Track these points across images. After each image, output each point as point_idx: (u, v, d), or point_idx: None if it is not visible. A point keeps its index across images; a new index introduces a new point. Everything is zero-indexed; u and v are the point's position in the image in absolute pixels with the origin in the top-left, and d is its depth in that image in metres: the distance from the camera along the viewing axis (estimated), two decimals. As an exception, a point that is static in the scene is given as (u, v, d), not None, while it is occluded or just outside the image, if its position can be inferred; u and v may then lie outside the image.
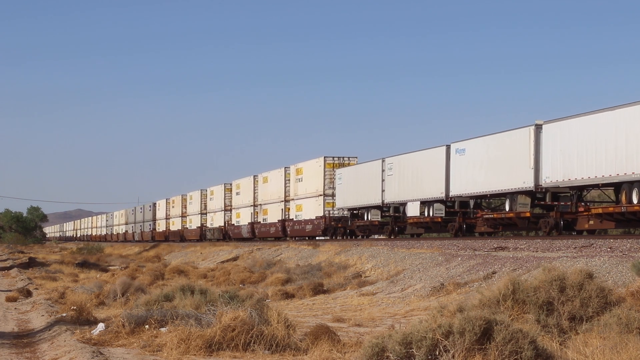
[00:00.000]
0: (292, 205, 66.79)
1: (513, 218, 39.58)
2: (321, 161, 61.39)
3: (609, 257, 22.29)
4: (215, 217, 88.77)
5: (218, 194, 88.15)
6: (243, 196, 79.86)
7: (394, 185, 50.91)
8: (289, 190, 67.79)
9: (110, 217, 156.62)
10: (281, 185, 69.31)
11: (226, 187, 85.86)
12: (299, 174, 65.44)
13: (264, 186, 73.73)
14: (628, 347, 11.81)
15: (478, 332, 11.27)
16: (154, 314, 16.52)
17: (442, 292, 24.55)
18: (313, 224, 61.41)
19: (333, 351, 14.15)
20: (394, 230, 52.17)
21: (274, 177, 71.40)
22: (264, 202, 73.75)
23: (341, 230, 59.08)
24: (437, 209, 46.07)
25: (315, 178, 62.01)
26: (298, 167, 65.82)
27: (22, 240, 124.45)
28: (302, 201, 64.49)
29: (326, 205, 60.41)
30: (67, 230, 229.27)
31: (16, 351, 16.70)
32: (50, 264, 57.78)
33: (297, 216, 65.34)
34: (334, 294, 28.99)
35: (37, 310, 24.53)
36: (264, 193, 73.96)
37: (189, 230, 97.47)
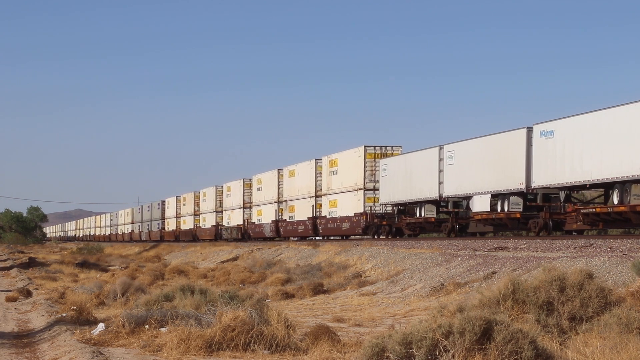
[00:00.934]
0: (324, 201, 60.17)
1: (628, 213, 32.21)
2: (361, 151, 54.39)
3: (609, 257, 22.29)
4: (232, 215, 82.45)
5: (236, 190, 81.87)
6: (265, 192, 73.36)
7: (455, 176, 44.28)
8: (320, 185, 61.10)
9: (115, 217, 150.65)
10: (311, 179, 62.59)
11: (245, 183, 79.48)
12: (333, 165, 58.67)
13: (291, 180, 67.04)
14: (628, 347, 11.81)
15: (478, 332, 11.27)
16: (154, 314, 16.52)
17: (442, 292, 24.55)
18: (351, 222, 55.04)
19: (333, 351, 14.15)
20: (454, 229, 45.87)
21: (303, 171, 64.58)
22: (290, 197, 66.94)
23: (386, 228, 52.99)
24: (514, 203, 39.40)
25: (354, 170, 55.28)
26: (332, 159, 58.96)
27: (22, 240, 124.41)
28: (338, 196, 57.72)
29: (366, 200, 53.67)
30: (68, 230, 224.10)
31: (16, 351, 16.70)
32: (50, 264, 57.76)
33: (331, 213, 58.65)
34: (334, 294, 28.99)
35: (37, 310, 24.52)
36: (290, 188, 67.07)
37: (202, 230, 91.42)
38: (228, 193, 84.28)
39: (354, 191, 55.02)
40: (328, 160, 59.59)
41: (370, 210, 53.54)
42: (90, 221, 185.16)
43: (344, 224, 56.11)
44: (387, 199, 51.92)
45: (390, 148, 54.34)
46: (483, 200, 41.48)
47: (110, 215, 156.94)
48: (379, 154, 54.14)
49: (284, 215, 68.49)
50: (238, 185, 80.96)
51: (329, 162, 59.33)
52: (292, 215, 66.46)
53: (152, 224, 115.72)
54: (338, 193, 57.60)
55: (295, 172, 66.03)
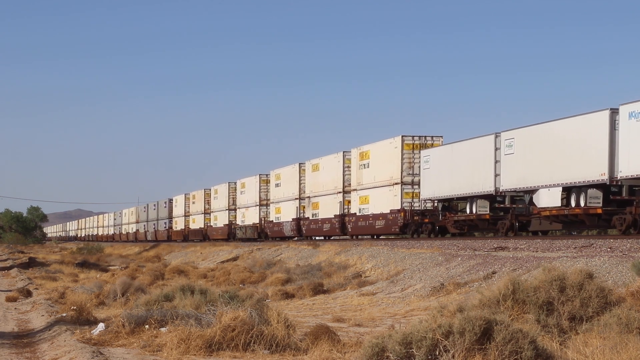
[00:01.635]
0: (354, 197, 55.05)
1: None
2: (398, 141, 49.39)
3: (609, 257, 22.29)
4: (247, 214, 77.45)
5: (251, 187, 77.02)
6: (285, 188, 68.09)
7: (516, 166, 38.96)
8: (349, 179, 56.14)
9: (119, 216, 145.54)
10: (338, 173, 57.82)
11: (261, 179, 74.66)
12: (364, 158, 53.43)
13: (314, 175, 61.91)
14: (628, 347, 11.81)
15: (478, 332, 11.26)
16: (154, 314, 16.52)
17: (442, 292, 24.55)
18: (386, 220, 49.92)
19: (333, 351, 14.15)
20: (513, 227, 40.23)
21: (328, 164, 59.62)
22: (313, 194, 61.93)
23: (428, 226, 47.93)
24: (593, 197, 34.02)
25: (389, 162, 50.06)
26: (363, 151, 53.81)
27: (22, 240, 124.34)
28: (370, 192, 52.45)
29: (404, 195, 48.63)
30: (70, 230, 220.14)
31: (16, 351, 16.70)
32: (50, 264, 57.76)
33: (362, 210, 53.40)
34: (334, 294, 28.99)
35: (37, 310, 24.52)
36: (313, 183, 61.94)
37: (214, 229, 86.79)
38: (242, 190, 79.63)
39: (389, 186, 50.08)
40: (358, 153, 54.36)
41: (410, 206, 48.51)
42: (93, 221, 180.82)
43: (377, 222, 51.06)
44: (429, 194, 46.89)
45: (430, 138, 49.35)
46: (552, 194, 36.40)
47: (113, 215, 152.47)
48: (417, 144, 49.02)
49: (307, 212, 63.35)
50: (254, 181, 76.45)
51: (359, 154, 54.13)
52: (315, 213, 61.58)
53: (159, 223, 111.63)
54: (370, 188, 52.57)
55: (320, 166, 61.19)
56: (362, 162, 53.88)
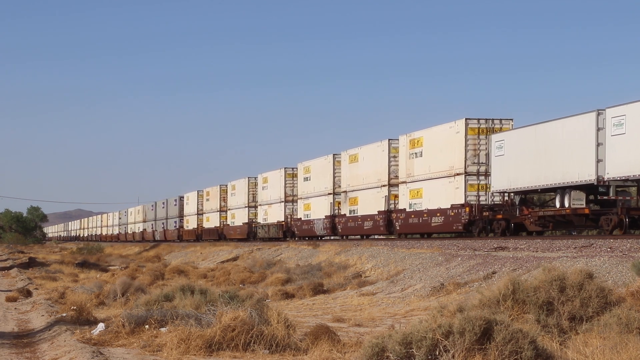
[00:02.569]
0: (402, 191, 48.50)
1: None
2: (460, 125, 43.09)
3: (609, 257, 22.29)
4: (270, 211, 71.14)
5: (275, 181, 70.58)
6: (315, 182, 61.84)
7: (628, 150, 32.51)
8: (395, 170, 49.79)
9: (124, 215, 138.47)
10: (382, 163, 51.26)
11: (287, 173, 68.41)
12: (416, 146, 47.07)
13: (352, 167, 55.57)
14: (628, 347, 11.81)
15: (478, 332, 11.27)
16: (154, 314, 16.52)
17: (442, 292, 24.56)
18: (446, 216, 43.65)
19: (333, 351, 14.15)
20: (622, 223, 33.39)
21: (370, 154, 53.08)
22: (351, 187, 55.54)
23: (501, 223, 40.67)
24: None
25: (449, 150, 43.85)
26: (414, 138, 47.36)
27: (22, 240, 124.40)
28: (423, 184, 46.24)
29: (469, 188, 42.29)
30: (72, 230, 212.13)
31: (16, 351, 16.70)
32: (50, 264, 57.78)
33: (414, 205, 46.89)
34: (334, 294, 28.99)
35: (37, 310, 24.52)
36: (351, 177, 55.54)
37: (231, 228, 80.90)
38: (264, 185, 73.12)
39: (449, 177, 43.78)
40: (408, 140, 48.07)
41: (476, 199, 42.06)
42: (96, 220, 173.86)
43: (434, 219, 44.79)
44: (503, 186, 40.11)
45: (498, 122, 42.99)
46: None
47: (118, 214, 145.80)
48: (484, 128, 42.73)
49: (343, 209, 56.94)
50: (277, 175, 70.11)
51: (409, 141, 47.84)
52: (354, 209, 55.02)
53: (168, 222, 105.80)
54: (424, 180, 46.17)
55: (359, 157, 54.61)
56: (413, 151, 47.35)
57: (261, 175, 74.41)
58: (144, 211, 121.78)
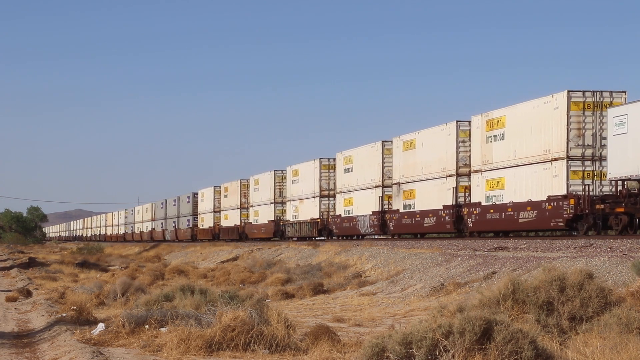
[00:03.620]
0: (475, 181, 41.45)
1: None
2: (560, 100, 35.94)
3: (609, 257, 22.29)
4: (302, 207, 64.22)
5: (307, 174, 63.85)
6: (359, 173, 54.86)
7: None
8: (465, 157, 43.05)
9: (131, 213, 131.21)
10: (447, 149, 44.01)
11: (322, 164, 61.54)
12: (495, 127, 40.08)
13: (407, 155, 48.29)
14: (628, 347, 11.80)
15: (478, 332, 11.26)
16: (154, 314, 16.52)
17: (442, 292, 24.56)
18: (540, 210, 36.21)
19: (333, 351, 14.14)
20: None
21: (431, 140, 45.87)
22: (405, 179, 48.32)
23: (622, 218, 32.88)
24: None
25: (543, 130, 36.72)
26: (493, 118, 40.40)
27: (22, 240, 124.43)
28: (506, 172, 38.98)
29: (572, 175, 35.31)
30: (75, 230, 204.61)
31: (16, 351, 16.70)
32: (50, 264, 57.77)
33: (492, 198, 40.05)
34: (334, 294, 28.99)
35: (37, 310, 24.51)
36: (405, 166, 48.31)
37: (254, 226, 74.14)
38: (294, 179, 66.28)
39: (544, 163, 36.66)
40: (484, 121, 40.96)
41: (585, 190, 34.77)
42: (100, 219, 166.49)
43: (521, 214, 37.59)
44: (627, 171, 32.12)
45: (608, 95, 36.04)
46: None
47: (124, 213, 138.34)
48: (590, 103, 35.82)
49: (395, 203, 49.51)
50: (311, 167, 63.31)
51: (486, 122, 40.86)
52: (409, 204, 47.79)
53: (180, 220, 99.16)
54: (507, 167, 39.06)
55: (416, 143, 47.46)
56: (490, 133, 40.32)
57: (290, 168, 67.56)
58: (152, 209, 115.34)
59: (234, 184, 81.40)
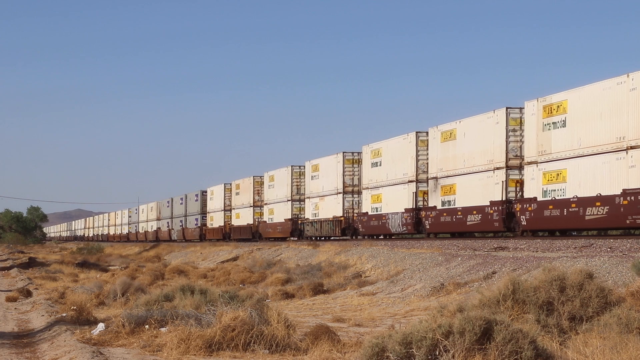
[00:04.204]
0: (532, 174, 36.63)
1: None
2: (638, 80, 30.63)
3: (609, 257, 22.31)
4: (322, 205, 60.15)
5: (329, 169, 59.47)
6: (388, 167, 50.37)
7: None
8: (516, 148, 38.74)
9: (135, 213, 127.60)
10: (495, 140, 39.69)
11: (346, 158, 57.21)
12: (553, 113, 35.40)
13: (445, 147, 44.06)
14: (628, 347, 11.81)
15: (478, 332, 11.27)
16: (154, 314, 16.53)
17: (442, 292, 24.57)
18: (612, 206, 31.37)
19: (333, 351, 14.15)
20: None
21: (474, 129, 41.67)
22: (444, 172, 44.02)
23: None
24: None
25: (613, 115, 31.95)
26: (550, 103, 35.61)
27: (22, 240, 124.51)
28: (568, 163, 34.19)
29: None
30: (76, 229, 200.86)
31: (16, 351, 16.70)
32: (50, 264, 57.80)
33: (550, 192, 35.25)
34: (334, 294, 29.00)
35: (37, 310, 24.52)
36: (444, 159, 44.03)
37: (269, 225, 70.31)
38: (314, 174, 62.27)
39: (617, 152, 31.71)
40: (540, 107, 36.17)
41: None
42: (102, 219, 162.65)
43: (588, 211, 32.72)
44: None
45: None
46: None
47: (128, 212, 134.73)
48: None
49: (432, 200, 45.23)
50: (333, 162, 58.94)
51: (543, 108, 36.05)
52: (449, 200, 43.42)
53: (188, 219, 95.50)
54: (570, 158, 34.20)
55: (457, 133, 43.07)
56: (548, 120, 35.68)
57: (309, 163, 63.27)
58: (157, 208, 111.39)
59: (246, 181, 77.43)
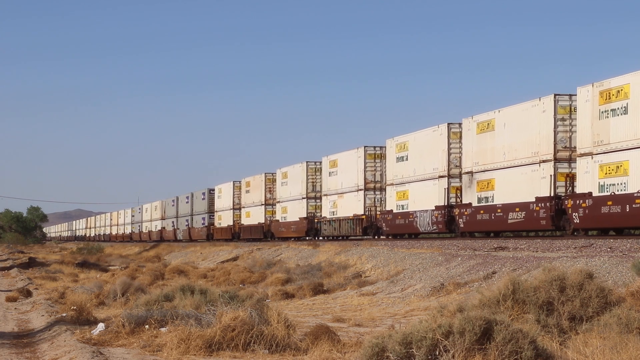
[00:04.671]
0: (585, 167, 32.84)
1: None
2: None
3: (609, 257, 22.30)
4: (342, 202, 56.35)
5: (348, 165, 55.63)
6: (416, 162, 46.45)
7: None
8: (564, 139, 35.13)
9: (138, 212, 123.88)
10: (541, 130, 35.96)
11: (367, 153, 53.55)
12: (612, 99, 31.75)
13: (482, 139, 39.93)
14: (628, 347, 11.80)
15: (478, 332, 11.26)
16: (154, 314, 16.52)
17: (442, 292, 24.57)
18: None
19: (333, 351, 14.14)
20: None
21: (516, 119, 37.59)
22: (480, 167, 40.05)
23: None
24: None
25: None
26: (608, 88, 31.96)
27: (22, 240, 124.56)
28: (630, 154, 30.82)
29: None
30: (77, 229, 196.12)
31: (16, 351, 16.70)
32: (50, 264, 57.80)
33: (608, 187, 31.67)
34: (334, 294, 28.99)
35: (37, 310, 24.52)
36: (480, 152, 39.96)
37: (282, 224, 66.72)
38: (332, 170, 58.59)
39: None
40: (596, 92, 32.40)
41: None
42: (104, 219, 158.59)
43: None
44: None
45: None
46: None
47: (131, 211, 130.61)
48: None
49: (467, 196, 41.29)
50: (353, 157, 55.27)
51: (599, 94, 32.29)
52: (487, 196, 39.52)
53: (194, 218, 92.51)
54: (631, 149, 30.83)
55: (496, 123, 39.02)
56: (606, 107, 31.91)
57: (327, 158, 59.62)
58: (162, 207, 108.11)
59: (257, 178, 74.09)
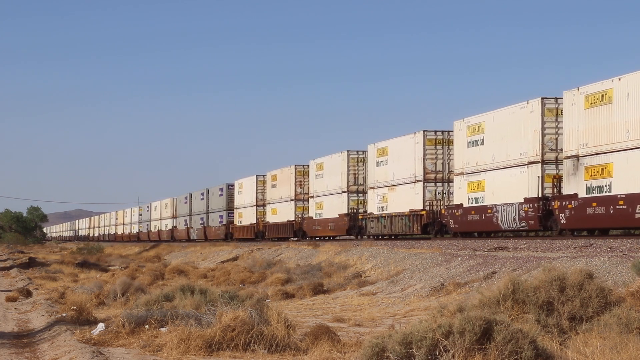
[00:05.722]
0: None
1: None
2: None
3: (609, 257, 22.30)
4: (394, 196, 48.62)
5: (401, 154, 47.92)
6: (497, 147, 38.64)
7: None
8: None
9: (147, 210, 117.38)
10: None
11: (427, 138, 45.67)
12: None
13: (592, 115, 31.98)
14: (628, 347, 11.80)
15: (478, 332, 11.26)
16: (154, 314, 16.52)
17: (442, 292, 24.56)
18: None
19: (333, 351, 14.14)
20: None
21: None
22: (590, 149, 32.18)
23: None
24: None
25: None
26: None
27: (22, 240, 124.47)
28: None
29: None
30: (79, 229, 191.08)
31: (16, 351, 16.70)
32: (50, 264, 57.79)
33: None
34: (334, 294, 28.98)
35: (37, 310, 24.52)
36: (589, 130, 32.04)
37: (316, 221, 59.44)
38: (380, 160, 50.41)
39: None
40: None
41: None
42: (109, 218, 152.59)
43: None
44: None
45: None
46: None
47: (138, 210, 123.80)
48: None
49: (568, 186, 33.51)
50: (408, 143, 47.36)
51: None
52: (599, 185, 31.69)
53: (210, 216, 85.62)
54: None
55: (614, 94, 30.75)
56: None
57: (374, 146, 51.32)
58: (173, 205, 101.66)
59: (285, 171, 66.63)
